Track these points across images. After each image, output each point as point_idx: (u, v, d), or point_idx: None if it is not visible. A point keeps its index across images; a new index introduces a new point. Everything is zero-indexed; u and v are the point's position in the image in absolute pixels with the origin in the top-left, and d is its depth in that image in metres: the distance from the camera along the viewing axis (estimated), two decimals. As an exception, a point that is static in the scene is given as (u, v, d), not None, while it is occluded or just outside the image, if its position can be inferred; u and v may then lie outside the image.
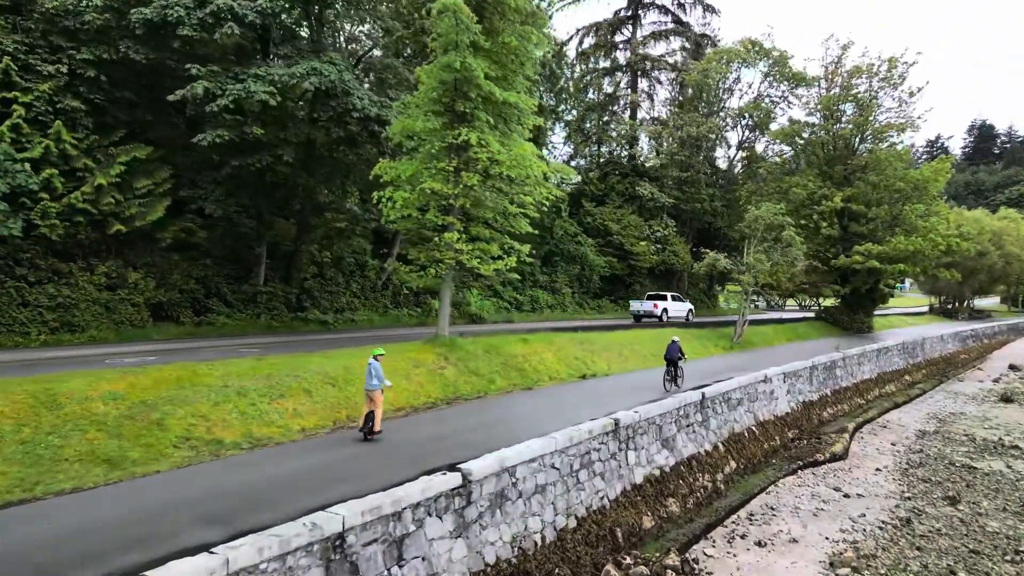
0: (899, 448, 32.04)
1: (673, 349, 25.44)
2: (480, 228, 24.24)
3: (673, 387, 25.22)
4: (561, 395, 23.28)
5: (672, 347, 25.51)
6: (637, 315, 49.64)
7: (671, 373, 25.51)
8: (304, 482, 12.78)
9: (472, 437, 16.58)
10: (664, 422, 20.84)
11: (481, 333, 30.42)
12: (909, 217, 52.08)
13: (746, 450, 25.03)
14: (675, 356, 25.38)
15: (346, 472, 13.46)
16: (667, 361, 25.63)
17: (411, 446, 15.71)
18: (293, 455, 14.82)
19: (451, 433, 16.94)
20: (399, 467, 13.71)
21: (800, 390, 32.79)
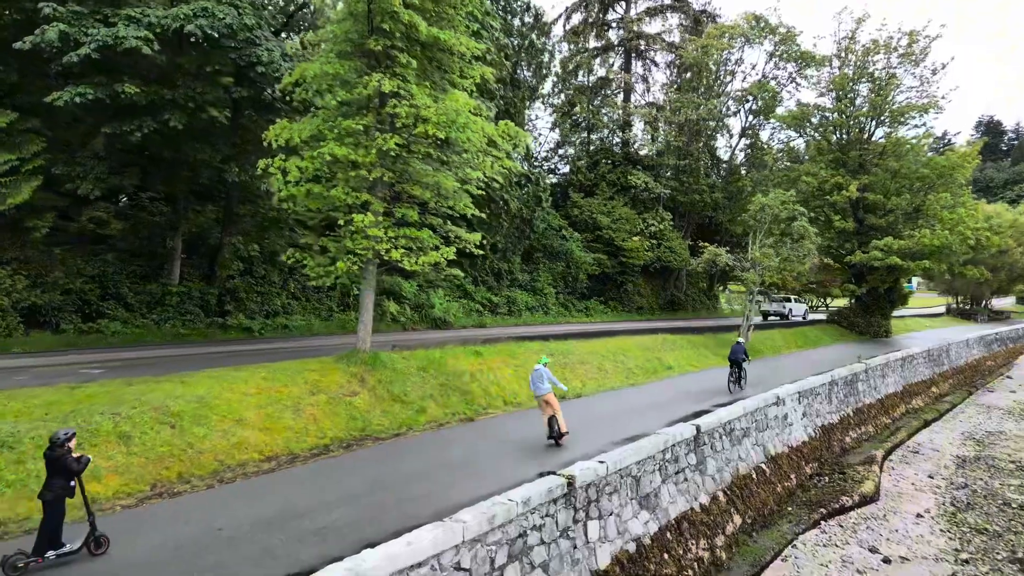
0: (939, 482, 26.33)
1: (737, 350, 26.48)
2: (407, 209, 18.44)
3: (736, 388, 26.28)
4: (512, 429, 17.57)
5: (736, 348, 26.58)
6: (766, 313, 59.83)
7: (735, 374, 26.52)
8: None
9: (332, 519, 10.82)
10: (643, 472, 15.11)
11: (428, 343, 24.66)
12: (933, 208, 46.33)
13: (754, 497, 19.28)
14: (739, 357, 26.43)
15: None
16: (731, 362, 26.67)
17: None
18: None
19: (299, 514, 11.08)
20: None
21: (818, 411, 27.04)
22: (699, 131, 59.81)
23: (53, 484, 9.07)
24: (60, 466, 9.06)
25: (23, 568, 8.71)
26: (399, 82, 16.77)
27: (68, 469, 9.07)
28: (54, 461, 9.09)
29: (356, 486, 12.34)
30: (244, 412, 14.75)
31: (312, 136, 17.39)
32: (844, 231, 50.42)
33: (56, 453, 9.07)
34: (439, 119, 16.51)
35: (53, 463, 9.10)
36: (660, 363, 30.25)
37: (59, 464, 9.06)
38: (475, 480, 12.65)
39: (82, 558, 9.13)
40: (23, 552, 8.81)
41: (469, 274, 42.71)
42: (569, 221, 53.88)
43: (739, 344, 26.61)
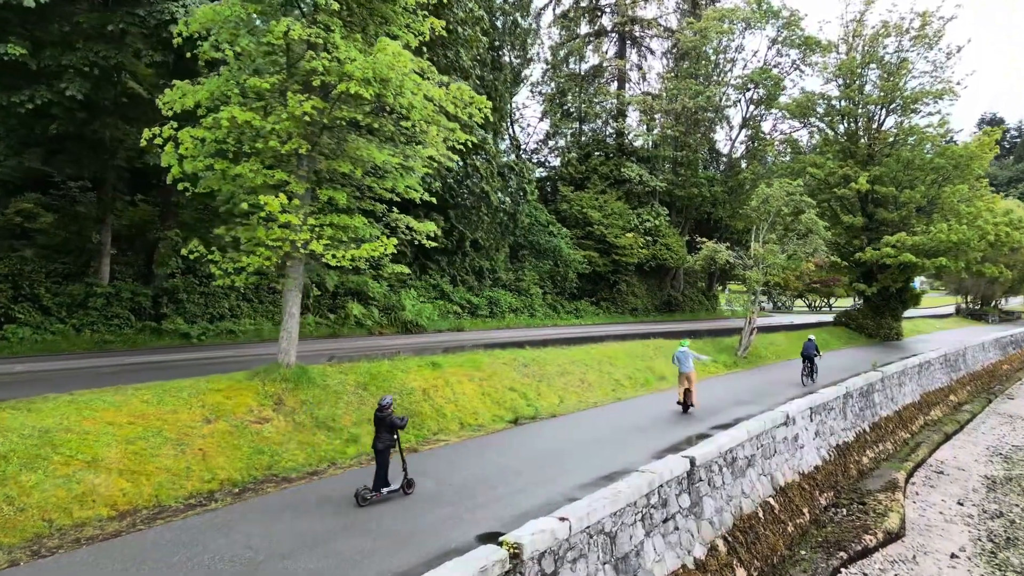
0: (970, 510, 22.97)
1: (809, 347, 27.71)
2: (332, 192, 14.95)
3: (809, 381, 27.52)
4: (461, 464, 14.11)
5: (808, 344, 27.82)
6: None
7: (807, 368, 27.78)
8: None
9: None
10: (620, 525, 11.68)
11: (378, 352, 21.13)
12: (950, 201, 42.84)
13: (761, 542, 15.84)
14: (811, 353, 27.63)
15: None
16: (803, 357, 27.91)
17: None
18: None
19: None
20: None
21: (832, 429, 23.62)
22: (697, 121, 56.38)
23: (383, 437, 11.71)
24: (387, 423, 11.66)
25: (368, 499, 11.39)
26: (319, 31, 13.28)
27: (393, 425, 11.69)
28: (382, 420, 11.68)
29: (219, 561, 8.90)
30: (103, 450, 11.34)
31: (213, 99, 13.92)
32: (852, 227, 47.00)
33: (383, 414, 11.67)
34: (364, 75, 13.02)
35: (381, 421, 11.69)
36: (652, 373, 26.83)
37: (386, 422, 11.66)
38: (387, 552, 9.22)
39: (399, 497, 11.82)
40: (367, 487, 11.50)
41: (446, 273, 39.32)
42: (558, 216, 50.51)
43: (810, 341, 28.06)
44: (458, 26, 28.58)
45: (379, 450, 11.77)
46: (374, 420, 11.91)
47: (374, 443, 11.85)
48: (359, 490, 11.44)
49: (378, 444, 11.78)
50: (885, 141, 47.40)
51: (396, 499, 11.69)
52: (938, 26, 46.66)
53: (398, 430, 11.81)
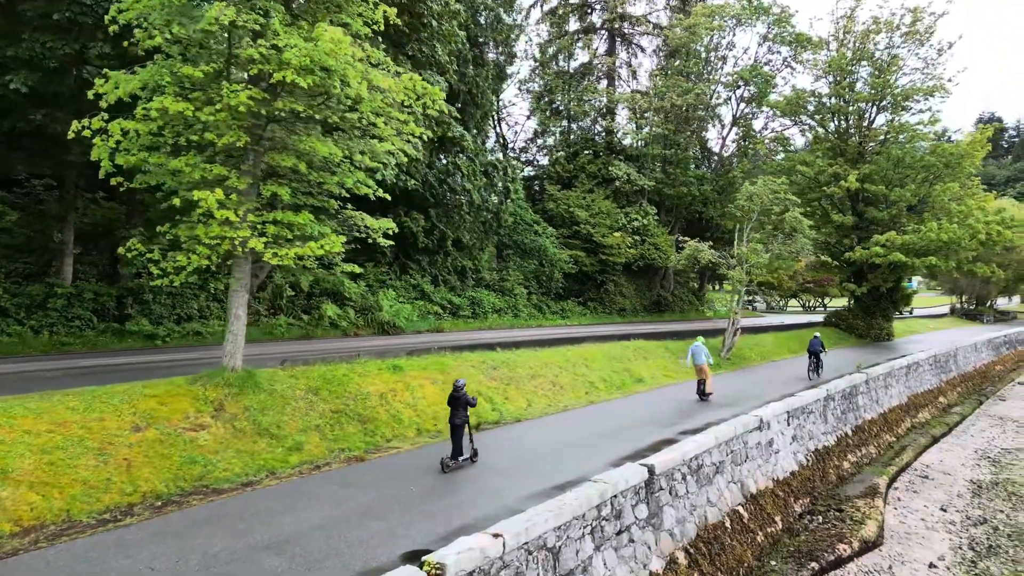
0: (953, 517, 22.30)
1: (815, 343, 29.71)
2: (276, 187, 14.26)
3: (815, 376, 29.35)
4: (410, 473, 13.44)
5: (814, 341, 29.82)
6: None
7: (813, 363, 29.71)
8: None
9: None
10: (565, 540, 11.01)
11: (336, 354, 20.41)
12: (940, 199, 42.17)
13: (727, 553, 15.17)
14: (817, 349, 29.62)
15: None
16: (810, 353, 29.86)
17: None
18: None
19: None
20: None
21: (811, 433, 22.96)
22: (687, 119, 55.75)
23: (459, 414, 13.78)
24: (462, 402, 13.76)
25: (450, 466, 13.70)
26: (256, 17, 12.61)
27: (467, 403, 13.78)
28: (457, 399, 13.77)
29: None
30: (15, 460, 10.69)
31: (148, 89, 13.25)
32: (842, 226, 46.38)
33: (458, 394, 13.74)
34: (300, 63, 12.35)
35: (456, 400, 13.78)
36: (630, 375, 26.19)
37: (461, 400, 13.75)
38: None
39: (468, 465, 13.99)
40: (446, 459, 13.75)
41: (428, 273, 38.66)
42: (545, 215, 49.87)
43: (816, 338, 29.96)
44: (433, 20, 27.85)
45: (456, 425, 13.87)
46: (449, 400, 13.98)
47: (451, 419, 13.91)
48: (443, 459, 13.78)
49: (455, 420, 13.84)
50: (876, 139, 46.78)
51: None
52: (929, 22, 46.06)
53: (470, 407, 13.92)
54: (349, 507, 11.23)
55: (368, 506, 11.32)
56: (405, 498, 11.81)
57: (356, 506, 11.29)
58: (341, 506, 11.25)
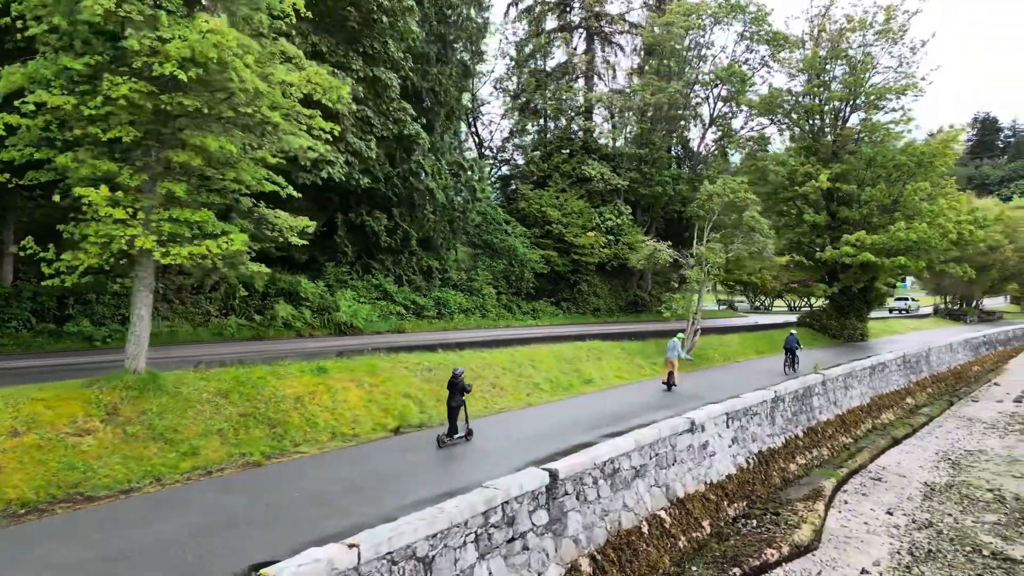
0: (898, 520, 21.99)
1: (791, 340, 31.65)
2: (173, 184, 13.89)
3: (791, 371, 30.71)
4: (297, 481, 13.07)
5: (790, 339, 31.77)
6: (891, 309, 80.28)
7: (789, 360, 31.33)
8: None
9: None
10: (442, 549, 10.67)
11: (245, 356, 19.80)
12: (911, 199, 41.83)
13: (639, 560, 14.82)
14: (793, 346, 31.46)
15: None
16: (786, 350, 31.53)
17: None
18: None
19: None
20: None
21: (755, 436, 22.62)
22: (664, 118, 55.42)
23: (455, 398, 15.83)
24: (459, 387, 15.74)
25: (446, 443, 15.95)
26: (139, 6, 12.25)
27: (463, 389, 15.81)
28: (455, 384, 15.75)
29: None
30: None
31: (34, 82, 12.90)
32: (816, 225, 46.06)
33: (456, 380, 15.73)
34: (179, 54, 11.99)
35: (454, 386, 15.75)
36: (579, 376, 25.86)
37: (458, 386, 15.73)
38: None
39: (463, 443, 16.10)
40: (442, 435, 16.04)
41: (391, 272, 38.29)
42: (517, 215, 49.48)
43: (792, 335, 31.93)
44: (383, 16, 27.49)
45: (452, 407, 15.89)
46: (448, 385, 15.85)
47: (448, 401, 15.89)
48: (440, 436, 16.00)
49: (452, 403, 15.87)
50: (850, 138, 46.43)
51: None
52: (903, 20, 45.72)
53: (466, 393, 15.89)
54: (217, 516, 10.89)
55: (236, 515, 10.98)
56: (280, 506, 11.48)
57: (225, 515, 10.95)
58: (209, 515, 10.91)
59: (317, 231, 36.56)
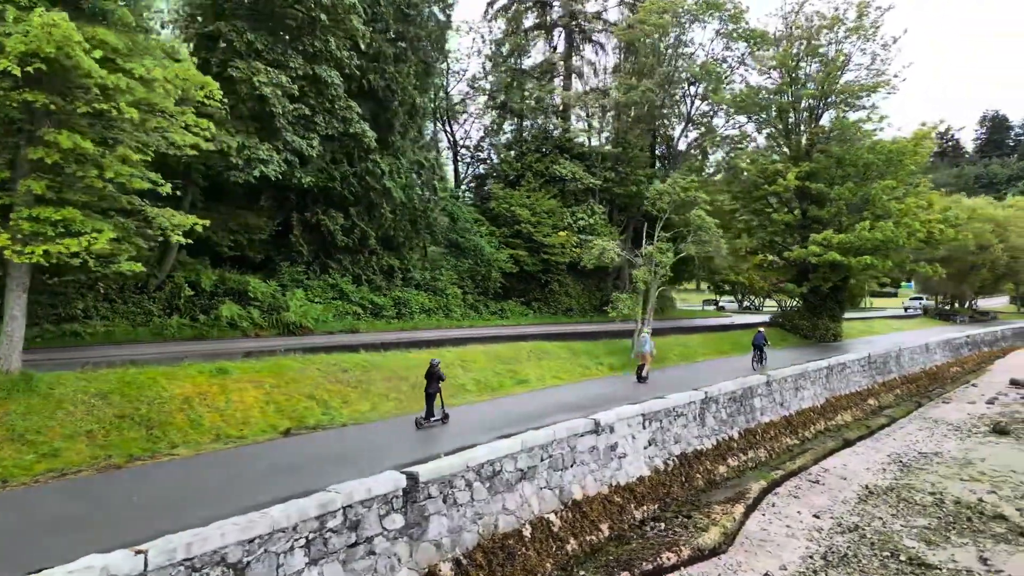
0: (824, 523, 21.64)
1: (759, 338, 32.40)
2: (33, 182, 13.75)
3: (759, 367, 31.47)
4: (151, 484, 12.92)
5: (758, 336, 32.51)
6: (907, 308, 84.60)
7: (757, 356, 32.12)
8: None
9: None
10: (257, 555, 10.47)
11: (166, 356, 19.80)
12: (879, 198, 41.30)
13: (514, 563, 14.57)
14: (760, 343, 32.16)
15: None
16: (754, 347, 32.39)
17: None
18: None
19: None
20: None
21: (679, 437, 22.30)
22: (640, 117, 55.00)
23: (432, 385, 18.03)
24: (436, 376, 17.93)
25: (423, 425, 18.15)
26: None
27: (439, 377, 18.02)
28: (432, 373, 17.95)
29: None
30: None
31: None
32: (788, 224, 45.59)
33: (434, 369, 17.90)
34: (16, 51, 11.84)
35: (432, 374, 17.97)
36: (513, 377, 25.62)
37: (435, 375, 17.93)
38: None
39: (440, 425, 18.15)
40: (420, 418, 18.29)
41: (349, 272, 38.12)
42: (488, 214, 49.25)
43: (760, 333, 32.75)
44: (322, 14, 27.35)
45: (429, 394, 18.07)
46: (426, 375, 18.01)
47: (426, 388, 18.03)
48: (417, 418, 18.28)
49: (429, 390, 18.04)
50: (821, 136, 45.94)
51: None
52: (875, 16, 45.18)
53: (441, 381, 18.05)
54: (33, 519, 10.72)
55: (56, 518, 10.81)
56: (114, 509, 11.31)
57: (46, 518, 10.80)
58: (27, 518, 10.74)
59: (272, 230, 36.74)
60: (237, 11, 27.49)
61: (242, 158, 25.67)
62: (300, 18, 27.31)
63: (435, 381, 17.94)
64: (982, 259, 73.54)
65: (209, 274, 31.59)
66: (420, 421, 18.16)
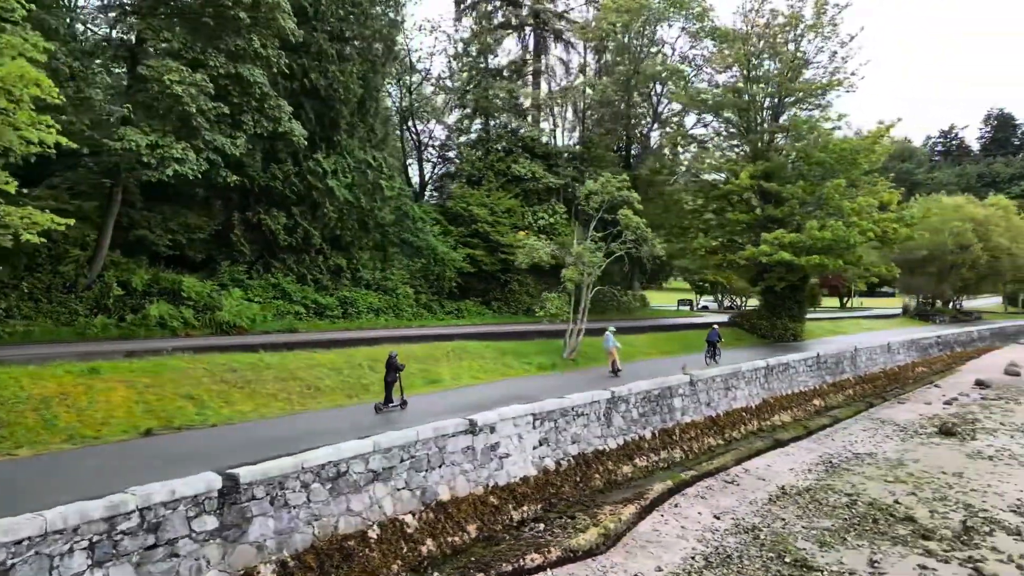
0: (722, 524, 21.42)
1: (713, 335, 33.79)
2: None
3: (712, 362, 32.60)
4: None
5: (712, 333, 33.95)
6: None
7: (710, 352, 33.32)
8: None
9: None
10: (29, 556, 10.34)
11: (13, 358, 19.21)
12: (832, 197, 40.93)
13: (351, 565, 14.40)
14: (714, 339, 33.49)
15: None
16: (708, 343, 33.67)
17: None
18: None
19: None
20: None
21: (577, 437, 22.11)
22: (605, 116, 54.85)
23: (391, 374, 20.32)
24: (394, 367, 20.24)
25: (383, 410, 20.23)
26: None
27: (396, 367, 20.28)
28: (391, 364, 20.31)
29: None
30: None
31: None
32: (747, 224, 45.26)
33: (392, 360, 20.30)
34: None
35: (391, 364, 20.31)
36: (424, 376, 25.49)
37: (393, 366, 20.25)
38: None
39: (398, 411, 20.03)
40: (379, 403, 20.41)
41: (293, 272, 38.05)
42: (448, 215, 49.14)
43: (714, 330, 34.37)
44: (241, 12, 27.23)
45: (388, 382, 20.27)
46: (386, 364, 20.39)
47: (385, 377, 20.31)
48: (376, 404, 20.33)
49: (388, 378, 20.25)
50: (778, 135, 45.61)
51: None
52: (832, 14, 44.83)
53: (399, 371, 20.19)
54: None
55: None
56: None
57: None
58: None
59: (213, 230, 36.71)
60: (156, 10, 27.47)
61: (155, 157, 25.58)
62: (218, 17, 27.20)
63: (392, 371, 20.11)
64: (962, 259, 72.85)
65: (141, 274, 31.54)
66: (379, 407, 20.16)
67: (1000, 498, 25.11)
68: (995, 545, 20.49)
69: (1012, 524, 22.26)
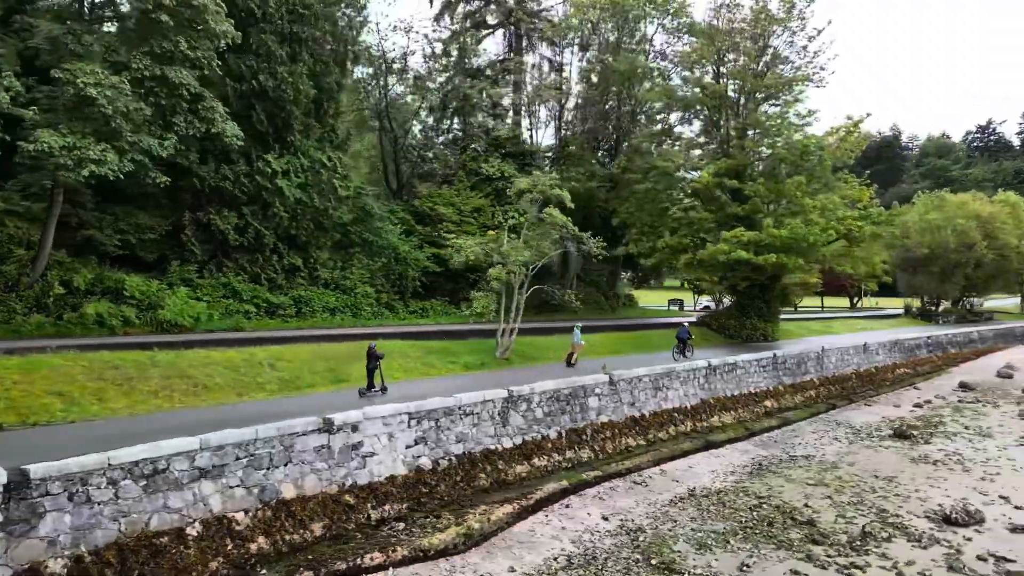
0: (607, 526, 21.13)
1: (683, 332, 35.25)
2: None
3: (681, 358, 33.87)
4: None
5: (682, 330, 35.40)
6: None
7: (680, 348, 34.68)
8: None
9: None
10: None
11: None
12: (792, 194, 40.09)
13: (163, 561, 14.45)
14: (684, 336, 34.98)
15: None
16: (678, 339, 35.09)
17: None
18: None
19: None
20: None
21: (462, 437, 21.95)
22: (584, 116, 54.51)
23: (371, 363, 22.57)
24: (374, 355, 22.55)
25: (365, 394, 22.43)
26: None
27: (377, 356, 22.61)
28: (371, 353, 22.60)
29: None
30: None
31: None
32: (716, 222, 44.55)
33: (371, 351, 22.58)
34: None
35: (371, 353, 22.58)
36: (331, 375, 25.56)
37: (373, 355, 22.55)
38: None
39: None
40: (363, 388, 22.72)
41: (246, 271, 38.42)
42: (416, 215, 49.26)
43: (684, 327, 35.96)
44: (163, 14, 27.55)
45: (370, 368, 22.51)
46: (367, 354, 22.58)
47: (367, 365, 22.54)
48: (360, 389, 22.73)
49: (369, 365, 22.52)
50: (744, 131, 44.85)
51: None
52: (801, 7, 43.95)
53: (379, 360, 22.61)
54: None
55: None
56: None
57: None
58: None
59: (164, 230, 37.23)
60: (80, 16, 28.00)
61: (72, 158, 26.00)
62: (138, 20, 27.59)
63: (372, 359, 22.47)
64: (966, 257, 70.80)
65: (85, 273, 32.08)
66: (362, 391, 22.50)
67: (921, 503, 24.35)
68: (886, 552, 19.86)
69: (918, 531, 21.55)
